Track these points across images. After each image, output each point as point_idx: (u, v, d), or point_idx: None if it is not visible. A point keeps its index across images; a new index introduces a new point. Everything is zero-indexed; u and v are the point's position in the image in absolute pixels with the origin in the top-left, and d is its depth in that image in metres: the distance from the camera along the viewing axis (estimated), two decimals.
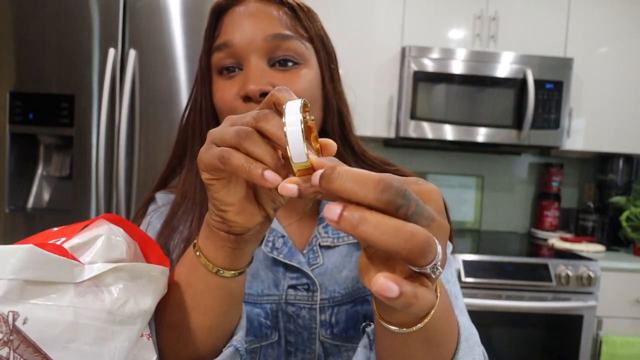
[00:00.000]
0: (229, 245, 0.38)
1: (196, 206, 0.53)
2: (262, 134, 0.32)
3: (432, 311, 0.32)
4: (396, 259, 0.28)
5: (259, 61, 0.50)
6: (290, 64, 0.51)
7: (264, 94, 0.48)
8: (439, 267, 0.26)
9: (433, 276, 0.26)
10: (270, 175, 0.31)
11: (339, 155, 0.49)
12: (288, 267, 0.52)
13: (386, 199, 0.24)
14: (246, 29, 0.50)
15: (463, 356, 0.39)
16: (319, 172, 0.26)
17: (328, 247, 0.54)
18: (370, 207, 0.25)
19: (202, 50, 0.55)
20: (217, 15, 0.53)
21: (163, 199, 0.60)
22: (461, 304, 0.53)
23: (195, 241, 0.40)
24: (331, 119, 0.55)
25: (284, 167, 0.32)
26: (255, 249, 0.41)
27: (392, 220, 0.24)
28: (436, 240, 0.25)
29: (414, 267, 0.25)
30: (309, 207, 0.58)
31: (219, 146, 0.33)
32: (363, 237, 0.24)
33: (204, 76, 0.55)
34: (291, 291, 0.52)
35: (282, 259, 0.52)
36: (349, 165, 0.46)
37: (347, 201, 0.25)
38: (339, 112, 0.57)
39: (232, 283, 0.40)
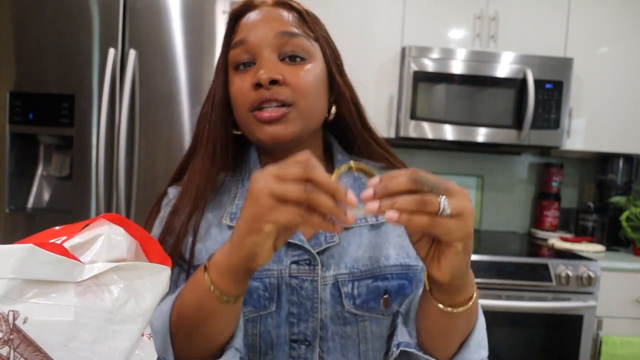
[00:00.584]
0: (244, 279, 0.45)
1: (199, 191, 0.59)
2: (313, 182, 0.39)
3: (473, 300, 0.48)
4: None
5: (270, 54, 0.56)
6: (298, 59, 0.57)
7: (273, 82, 0.54)
8: (447, 210, 0.39)
9: (444, 215, 0.39)
10: (339, 226, 0.41)
11: (361, 138, 0.69)
12: (290, 245, 0.58)
13: (413, 185, 0.39)
14: (259, 28, 0.57)
15: (480, 323, 0.54)
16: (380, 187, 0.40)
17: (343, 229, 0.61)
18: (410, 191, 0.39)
19: (220, 51, 0.62)
20: (234, 20, 0.61)
21: (175, 193, 0.64)
22: None
23: (206, 274, 0.45)
24: (347, 108, 0.64)
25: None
26: None
27: (409, 196, 0.39)
28: (440, 198, 0.39)
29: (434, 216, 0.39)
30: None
31: (284, 200, 0.39)
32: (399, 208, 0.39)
33: (219, 72, 0.61)
34: (294, 266, 0.57)
35: None
36: (371, 147, 0.69)
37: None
38: (353, 102, 0.64)
39: (237, 305, 0.47)
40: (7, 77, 1.52)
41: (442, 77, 1.96)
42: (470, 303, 0.48)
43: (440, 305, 0.47)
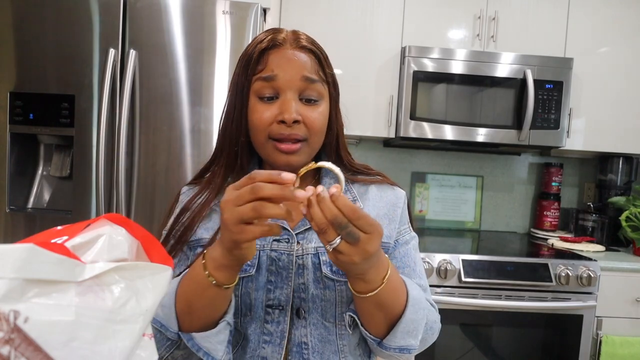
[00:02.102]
0: (236, 270, 0.57)
1: (212, 192, 0.72)
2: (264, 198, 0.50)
3: (378, 289, 0.58)
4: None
5: (293, 95, 0.67)
6: (312, 101, 0.69)
7: (294, 122, 0.66)
8: (330, 248, 0.52)
9: (329, 247, 0.52)
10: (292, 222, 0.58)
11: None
12: None
13: (333, 224, 0.51)
14: (287, 69, 0.67)
15: (409, 315, 0.63)
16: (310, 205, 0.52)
17: None
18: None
19: (240, 72, 0.70)
20: (262, 52, 0.69)
21: (186, 192, 0.78)
22: (422, 268, 0.78)
23: (205, 269, 0.57)
24: (330, 139, 0.75)
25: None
26: None
27: (322, 216, 0.51)
28: (337, 239, 0.51)
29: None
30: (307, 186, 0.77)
31: (246, 222, 0.51)
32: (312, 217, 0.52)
33: (239, 93, 0.69)
34: (275, 242, 0.69)
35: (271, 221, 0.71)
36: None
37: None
38: (336, 135, 0.76)
39: (231, 289, 0.59)
40: (7, 77, 1.52)
41: (442, 77, 1.96)
42: (369, 295, 0.58)
43: (352, 290, 0.60)
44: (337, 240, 0.51)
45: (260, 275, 0.68)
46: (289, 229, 0.70)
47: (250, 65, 0.68)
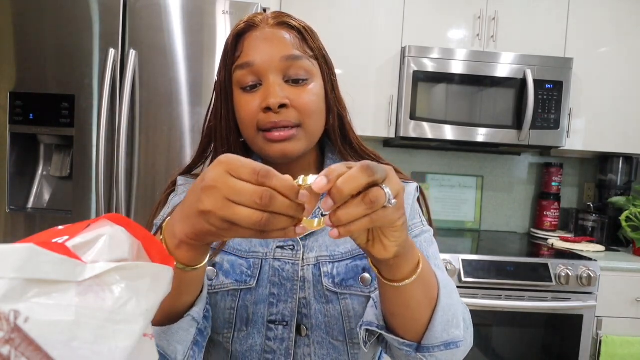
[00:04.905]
0: (201, 250, 0.43)
1: None
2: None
3: (420, 264, 0.47)
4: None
5: (276, 78, 0.60)
6: (301, 81, 0.61)
7: (281, 106, 0.58)
8: (392, 200, 0.38)
9: (389, 205, 0.38)
10: (300, 230, 0.40)
11: (339, 153, 0.68)
12: None
13: (368, 177, 0.36)
14: (265, 51, 0.60)
15: (444, 299, 0.52)
16: (330, 198, 0.37)
17: None
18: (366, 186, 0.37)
19: (220, 65, 0.64)
20: (237, 38, 0.62)
21: (182, 180, 0.70)
22: (440, 262, 0.65)
23: (163, 243, 0.44)
24: (333, 122, 0.66)
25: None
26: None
27: (355, 203, 0.37)
28: (383, 187, 0.37)
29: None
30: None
31: (237, 203, 0.36)
32: (351, 218, 0.37)
33: (223, 88, 0.64)
34: (278, 250, 0.62)
35: None
36: (348, 159, 0.67)
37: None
38: (339, 116, 0.68)
39: (197, 274, 0.45)
40: (7, 77, 1.52)
41: (442, 77, 1.96)
42: (420, 269, 0.46)
43: (394, 284, 0.46)
44: (386, 189, 0.37)
45: (262, 288, 0.60)
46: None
47: (228, 54, 0.62)
